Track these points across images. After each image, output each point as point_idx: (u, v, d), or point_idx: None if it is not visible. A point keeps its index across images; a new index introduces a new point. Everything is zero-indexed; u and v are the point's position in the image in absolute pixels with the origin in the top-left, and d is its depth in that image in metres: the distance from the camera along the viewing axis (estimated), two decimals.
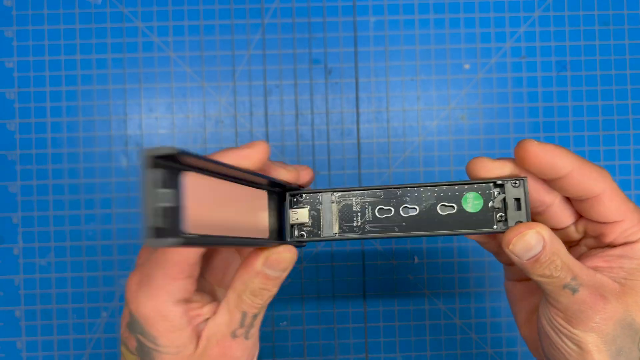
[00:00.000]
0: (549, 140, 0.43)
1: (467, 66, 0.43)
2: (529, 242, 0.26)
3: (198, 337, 0.26)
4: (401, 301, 0.43)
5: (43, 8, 0.43)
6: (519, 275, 0.32)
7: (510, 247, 0.26)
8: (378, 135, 0.43)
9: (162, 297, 0.25)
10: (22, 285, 0.42)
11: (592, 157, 0.43)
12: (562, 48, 0.44)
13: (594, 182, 0.27)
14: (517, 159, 0.28)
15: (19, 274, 0.42)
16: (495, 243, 0.31)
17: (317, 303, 0.43)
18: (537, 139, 0.43)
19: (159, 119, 0.43)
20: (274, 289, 0.26)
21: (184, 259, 0.25)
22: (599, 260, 0.28)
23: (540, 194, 0.28)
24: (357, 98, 0.43)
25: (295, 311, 0.43)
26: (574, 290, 0.26)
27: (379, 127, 0.43)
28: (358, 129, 0.43)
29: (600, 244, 0.29)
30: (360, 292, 0.43)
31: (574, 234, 0.30)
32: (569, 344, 0.27)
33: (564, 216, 0.30)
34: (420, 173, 0.43)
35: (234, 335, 0.26)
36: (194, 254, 0.25)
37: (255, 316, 0.26)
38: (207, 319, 0.26)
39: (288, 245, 0.26)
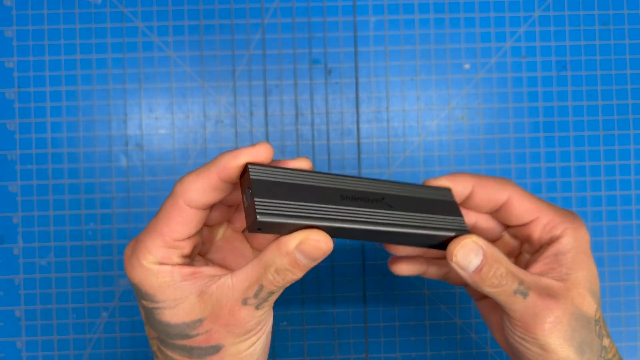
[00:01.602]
0: (550, 140, 0.43)
1: (467, 66, 0.43)
2: (469, 250, 0.28)
3: (200, 291, 0.26)
4: (401, 301, 0.43)
5: (43, 8, 0.43)
6: (479, 293, 0.34)
7: (454, 259, 0.28)
8: (378, 135, 0.43)
9: (149, 258, 0.26)
10: (22, 285, 0.42)
11: (592, 157, 0.43)
12: (562, 48, 0.44)
13: (497, 192, 0.30)
14: None
15: (19, 274, 0.42)
16: (442, 271, 0.33)
17: (317, 303, 0.43)
18: (537, 139, 0.43)
19: (159, 119, 0.43)
20: (299, 274, 0.26)
21: (169, 232, 0.26)
22: (540, 265, 0.30)
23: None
24: (357, 98, 0.43)
25: (295, 311, 0.43)
26: (524, 295, 0.28)
27: (379, 127, 0.43)
28: (358, 129, 0.43)
29: (534, 246, 0.31)
30: (361, 291, 0.43)
31: (510, 240, 0.33)
32: (534, 349, 0.28)
33: (492, 228, 0.32)
34: (421, 173, 0.43)
35: (244, 302, 0.26)
36: (181, 233, 0.26)
37: (271, 293, 0.26)
38: (213, 277, 0.27)
39: (325, 235, 0.26)
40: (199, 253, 0.30)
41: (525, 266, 0.31)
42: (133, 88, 0.43)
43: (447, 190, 0.31)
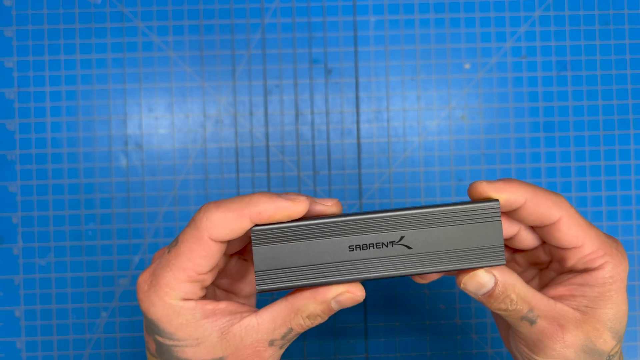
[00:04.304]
0: (550, 140, 0.43)
1: (467, 66, 0.43)
2: (480, 281, 0.27)
3: (223, 330, 0.26)
4: (401, 301, 0.43)
5: (43, 8, 0.43)
6: None
7: (462, 286, 0.28)
8: (378, 135, 0.43)
9: (172, 294, 0.26)
10: (22, 285, 0.42)
11: (592, 157, 0.43)
12: (562, 48, 0.44)
13: (549, 210, 0.28)
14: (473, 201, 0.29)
15: (19, 274, 0.42)
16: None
17: None
18: (538, 139, 0.43)
19: (158, 119, 0.43)
20: (326, 318, 0.27)
21: (192, 267, 0.26)
22: (563, 288, 0.29)
23: (504, 227, 0.29)
24: (357, 98, 0.43)
25: None
26: (532, 322, 0.28)
27: (379, 127, 0.43)
28: (358, 129, 0.43)
29: (563, 268, 0.30)
30: None
31: (542, 255, 0.31)
32: None
33: (530, 240, 0.30)
34: (421, 173, 0.43)
35: (271, 343, 0.27)
36: (204, 267, 0.26)
37: (297, 334, 0.27)
38: (234, 314, 0.27)
39: (361, 286, 0.27)
40: None
41: (547, 285, 0.30)
42: (133, 88, 0.43)
43: (494, 203, 0.27)
